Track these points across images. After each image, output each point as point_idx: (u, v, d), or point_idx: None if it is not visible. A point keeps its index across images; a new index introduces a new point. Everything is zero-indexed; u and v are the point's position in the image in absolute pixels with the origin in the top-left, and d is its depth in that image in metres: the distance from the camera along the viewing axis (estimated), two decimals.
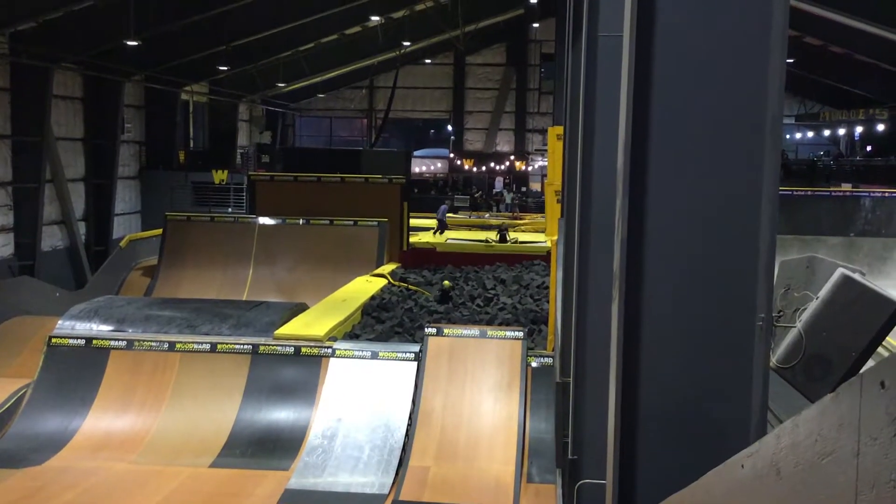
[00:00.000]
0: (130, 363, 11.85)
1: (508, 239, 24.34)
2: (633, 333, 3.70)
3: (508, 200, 39.02)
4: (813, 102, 43.79)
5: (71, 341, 12.08)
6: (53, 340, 12.10)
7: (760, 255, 3.46)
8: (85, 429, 11.11)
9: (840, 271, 4.10)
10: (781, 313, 4.41)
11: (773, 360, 4.25)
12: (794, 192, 25.09)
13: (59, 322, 12.69)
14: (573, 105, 7.78)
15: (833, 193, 27.02)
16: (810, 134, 45.64)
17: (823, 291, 4.14)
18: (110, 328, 12.51)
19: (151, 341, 12.05)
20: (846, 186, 30.26)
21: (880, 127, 38.64)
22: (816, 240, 20.94)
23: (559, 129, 15.59)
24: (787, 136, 44.23)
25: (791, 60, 31.74)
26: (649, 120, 3.55)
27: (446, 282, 16.66)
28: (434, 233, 25.64)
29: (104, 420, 11.24)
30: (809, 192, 26.20)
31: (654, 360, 3.69)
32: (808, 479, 1.39)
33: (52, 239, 24.20)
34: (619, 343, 3.68)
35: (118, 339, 12.09)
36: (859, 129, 41.49)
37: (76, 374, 11.76)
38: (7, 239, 22.25)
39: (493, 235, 24.75)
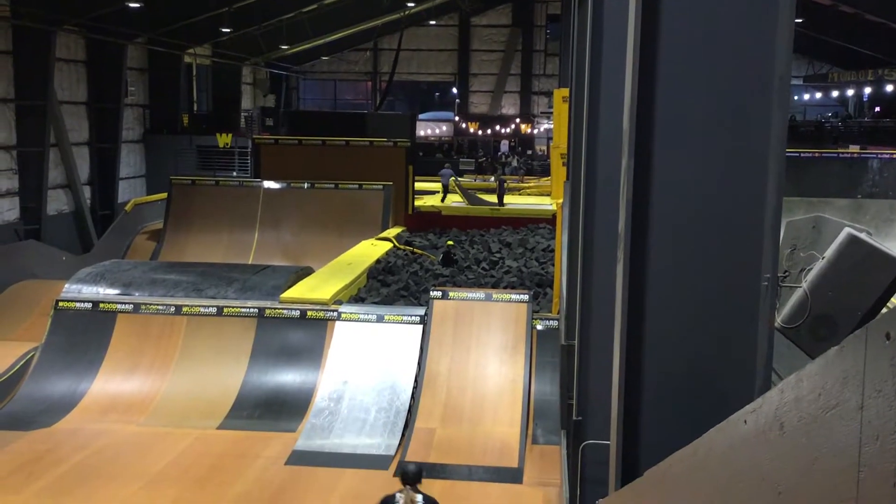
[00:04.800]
0: (137, 326, 11.92)
1: (506, 189, 24.72)
2: (637, 294, 3.70)
3: (515, 164, 38.82)
4: (821, 63, 43.36)
5: (78, 305, 12.14)
6: (60, 304, 12.16)
7: (766, 215, 3.44)
8: (93, 391, 11.21)
9: (846, 231, 4.08)
10: (787, 273, 4.40)
11: (779, 320, 4.25)
12: (802, 154, 24.97)
13: (66, 286, 12.75)
14: (579, 66, 7.72)
15: (840, 155, 26.87)
16: (818, 95, 45.25)
17: (829, 251, 4.12)
18: (117, 292, 12.56)
19: (158, 305, 12.11)
20: (854, 148, 30.06)
21: (889, 88, 38.27)
22: (823, 202, 20.84)
23: (565, 92, 15.48)
24: (795, 97, 43.86)
25: (800, 20, 31.36)
26: (655, 79, 3.52)
27: (449, 241, 16.74)
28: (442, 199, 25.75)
29: (112, 383, 11.33)
30: (817, 154, 26.06)
31: (659, 320, 3.69)
32: (812, 433, 1.39)
33: (57, 203, 24.22)
34: (624, 304, 3.68)
35: (125, 303, 12.15)
36: (868, 90, 41.10)
37: (84, 337, 11.83)
38: (13, 203, 22.28)
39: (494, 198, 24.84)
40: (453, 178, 27.91)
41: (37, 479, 9.02)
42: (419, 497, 6.19)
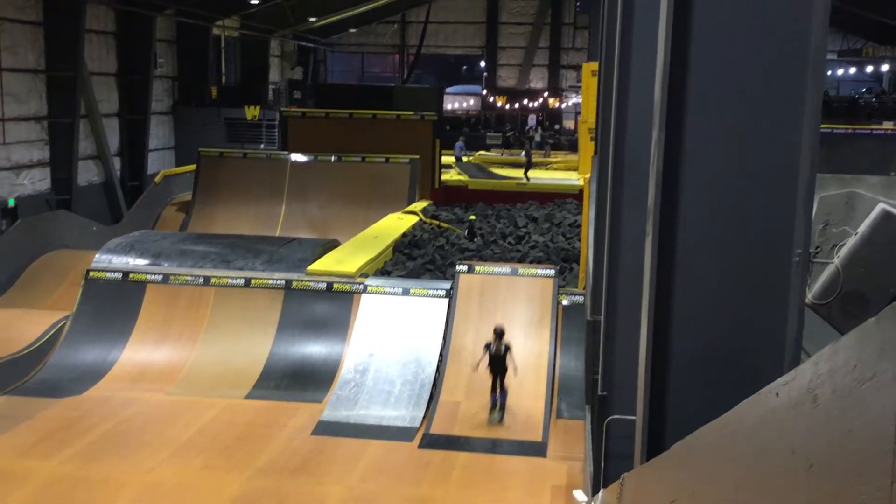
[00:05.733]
0: (167, 297, 12.05)
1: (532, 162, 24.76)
2: (666, 269, 3.66)
3: (538, 138, 38.45)
4: (856, 38, 42.54)
5: (108, 275, 12.28)
6: (91, 274, 12.30)
7: (799, 190, 3.39)
8: (123, 360, 11.37)
9: (881, 207, 4.01)
10: (819, 249, 4.33)
11: (809, 296, 4.20)
12: (834, 130, 24.59)
13: (97, 256, 12.89)
14: (609, 39, 7.63)
15: (874, 131, 26.43)
16: (852, 70, 44.45)
17: (863, 227, 4.05)
18: (146, 262, 12.68)
19: (187, 275, 12.22)
20: (888, 124, 29.53)
21: None
22: (855, 179, 20.51)
23: (594, 65, 15.31)
24: (829, 73, 43.12)
25: None
26: (688, 51, 3.46)
27: (472, 216, 16.78)
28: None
29: (142, 352, 11.48)
30: (850, 130, 25.65)
31: (688, 295, 3.66)
32: (846, 406, 1.38)
33: (87, 174, 24.44)
34: (653, 278, 3.65)
35: (154, 273, 12.27)
36: None
37: (114, 306, 11.98)
38: (44, 173, 22.50)
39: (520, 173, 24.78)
40: (465, 154, 28.21)
41: (67, 445, 9.18)
42: (503, 346, 10.13)
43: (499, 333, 10.14)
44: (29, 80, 21.88)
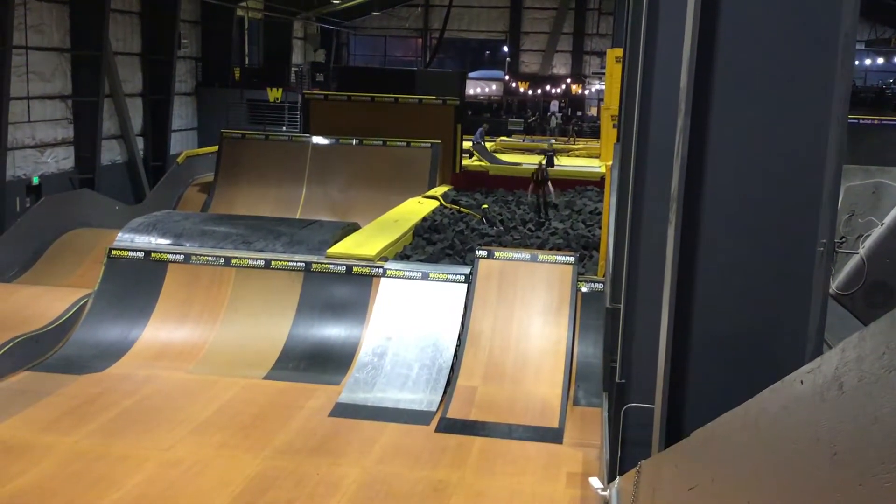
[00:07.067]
0: (188, 276, 12.11)
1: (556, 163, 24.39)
2: (688, 257, 3.65)
3: (553, 124, 38.10)
4: (884, 27, 41.99)
5: (130, 254, 12.36)
6: (113, 252, 12.39)
7: (825, 179, 3.36)
8: (144, 338, 11.45)
9: None
10: (844, 239, 4.29)
11: (833, 286, 4.17)
12: (861, 121, 24.33)
13: (119, 235, 12.99)
14: (634, 24, 7.57)
15: None
16: (880, 60, 43.90)
17: (889, 218, 4.01)
18: (168, 242, 12.76)
19: (208, 256, 12.28)
20: None
21: None
22: (881, 170, 20.32)
23: (618, 52, 15.19)
24: (857, 63, 42.60)
25: None
26: (716, 36, 3.43)
27: (485, 205, 16.80)
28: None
29: (163, 331, 11.56)
30: (876, 121, 25.38)
31: (710, 284, 3.64)
32: (874, 393, 1.37)
33: (111, 153, 24.60)
34: (675, 266, 3.63)
35: (176, 253, 12.34)
36: None
37: (135, 285, 12.07)
38: (68, 152, 22.68)
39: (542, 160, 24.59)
40: (487, 138, 28.23)
41: (88, 421, 9.28)
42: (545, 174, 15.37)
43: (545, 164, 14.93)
44: (54, 58, 22.02)
